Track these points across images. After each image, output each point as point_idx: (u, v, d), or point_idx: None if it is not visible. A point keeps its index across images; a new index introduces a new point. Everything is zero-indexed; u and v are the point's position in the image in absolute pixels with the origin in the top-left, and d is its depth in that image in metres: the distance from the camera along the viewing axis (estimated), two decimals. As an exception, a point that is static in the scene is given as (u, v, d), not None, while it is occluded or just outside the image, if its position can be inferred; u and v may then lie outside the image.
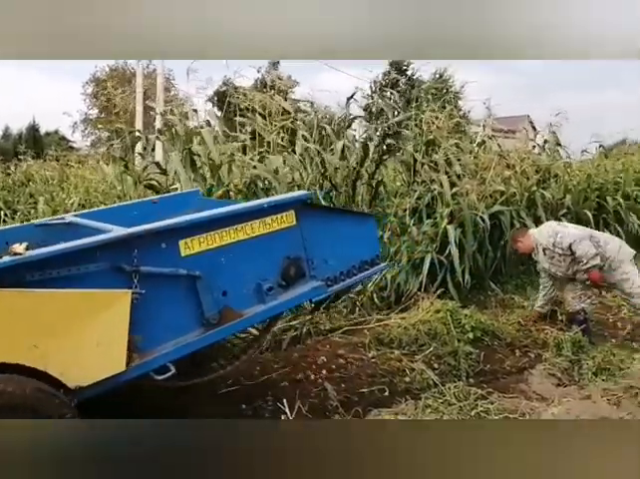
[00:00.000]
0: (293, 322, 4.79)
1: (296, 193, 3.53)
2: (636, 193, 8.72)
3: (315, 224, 3.05)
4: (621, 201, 8.13)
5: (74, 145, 24.93)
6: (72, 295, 2.22)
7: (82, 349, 2.23)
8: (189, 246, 2.55)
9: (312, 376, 3.77)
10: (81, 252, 2.28)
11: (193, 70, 5.33)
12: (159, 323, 2.45)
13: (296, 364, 3.99)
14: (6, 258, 2.15)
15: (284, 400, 2.50)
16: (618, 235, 7.80)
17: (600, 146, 9.98)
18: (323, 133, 6.95)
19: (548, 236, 4.83)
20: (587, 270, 4.64)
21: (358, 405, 3.33)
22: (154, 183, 5.23)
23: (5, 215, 8.17)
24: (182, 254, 2.53)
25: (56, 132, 28.75)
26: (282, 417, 2.44)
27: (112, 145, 5.83)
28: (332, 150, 6.76)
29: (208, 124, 5.81)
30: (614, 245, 4.81)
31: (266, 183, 5.49)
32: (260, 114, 5.88)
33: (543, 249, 4.89)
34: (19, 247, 2.27)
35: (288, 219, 2.93)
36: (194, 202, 3.83)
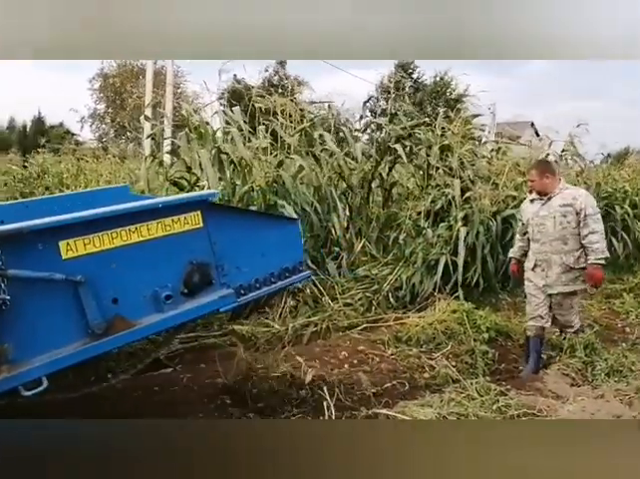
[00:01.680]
0: (313, 318, 4.96)
1: (199, 192, 3.27)
2: (643, 201, 8.89)
3: (226, 227, 2.82)
4: (629, 209, 8.30)
5: (79, 139, 25.17)
6: None
7: None
8: (72, 248, 2.30)
9: (336, 370, 3.92)
10: None
11: (225, 71, 5.48)
12: (34, 332, 2.20)
13: (319, 359, 4.14)
14: None
15: (324, 388, 2.64)
16: (625, 243, 8.00)
17: (608, 155, 10.19)
18: (340, 134, 7.11)
19: (591, 204, 4.27)
20: (596, 265, 4.19)
21: (383, 397, 3.49)
22: (180, 180, 5.38)
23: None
24: (63, 257, 2.28)
25: (60, 125, 28.87)
26: (324, 404, 2.58)
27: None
28: (348, 152, 6.92)
29: (229, 123, 5.95)
30: None
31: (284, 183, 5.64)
32: (281, 116, 6.04)
33: (565, 204, 4.27)
34: None
35: (193, 220, 2.67)
36: (123, 198, 3.46)
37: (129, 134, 21.68)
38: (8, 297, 2.09)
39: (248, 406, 3.33)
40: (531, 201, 4.56)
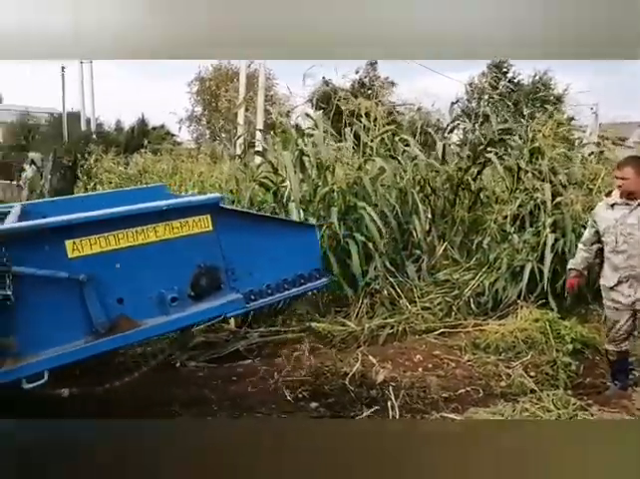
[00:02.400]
0: (389, 320, 4.97)
1: (207, 196, 3.22)
2: None
3: (238, 231, 2.79)
4: None
5: (177, 139, 26.56)
6: None
7: None
8: (78, 248, 2.33)
9: (409, 372, 3.92)
10: None
11: (310, 75, 5.63)
12: (39, 328, 2.25)
13: (392, 360, 4.15)
14: None
15: (390, 388, 2.66)
16: None
17: None
18: (427, 137, 7.03)
19: None
20: None
21: (455, 403, 3.45)
22: (266, 181, 5.58)
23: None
24: (69, 256, 2.32)
25: (162, 126, 30.59)
26: (389, 404, 2.60)
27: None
28: (434, 154, 6.83)
29: (316, 126, 6.08)
30: None
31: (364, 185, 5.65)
32: (365, 119, 6.08)
33: None
34: None
35: (202, 223, 2.66)
36: (157, 197, 3.45)
37: (224, 134, 22.63)
38: (10, 293, 2.14)
39: (320, 402, 3.43)
40: (612, 205, 3.83)
